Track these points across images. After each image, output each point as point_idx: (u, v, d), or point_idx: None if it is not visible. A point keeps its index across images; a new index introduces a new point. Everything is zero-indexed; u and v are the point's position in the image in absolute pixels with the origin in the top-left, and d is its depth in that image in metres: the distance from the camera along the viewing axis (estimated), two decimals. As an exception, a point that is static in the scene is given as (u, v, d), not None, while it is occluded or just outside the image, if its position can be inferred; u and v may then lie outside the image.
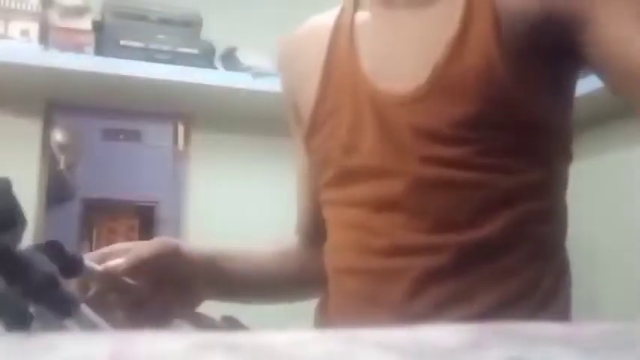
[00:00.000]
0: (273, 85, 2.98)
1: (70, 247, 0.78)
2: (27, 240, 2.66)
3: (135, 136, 5.54)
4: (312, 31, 1.02)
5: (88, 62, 2.52)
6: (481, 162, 0.78)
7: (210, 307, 1.05)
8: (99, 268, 0.83)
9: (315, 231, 1.00)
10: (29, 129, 2.71)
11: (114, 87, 2.65)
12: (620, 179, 2.93)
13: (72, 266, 0.79)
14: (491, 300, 0.77)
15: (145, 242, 0.92)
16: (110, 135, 5.52)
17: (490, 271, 0.78)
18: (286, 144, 3.09)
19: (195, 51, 2.71)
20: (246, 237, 2.86)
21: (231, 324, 1.10)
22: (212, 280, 0.97)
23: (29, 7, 2.56)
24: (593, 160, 2.27)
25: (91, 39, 2.60)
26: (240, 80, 2.74)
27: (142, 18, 2.71)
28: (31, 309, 0.79)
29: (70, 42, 2.56)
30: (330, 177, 0.90)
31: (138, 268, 0.85)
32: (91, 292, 0.84)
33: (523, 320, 0.34)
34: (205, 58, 2.75)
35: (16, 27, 2.52)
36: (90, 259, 0.83)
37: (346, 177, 0.86)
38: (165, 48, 2.66)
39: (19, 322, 0.77)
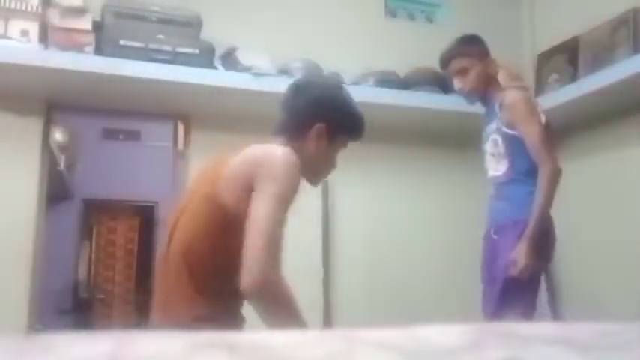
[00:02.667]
0: (272, 85, 2.98)
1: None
2: (27, 238, 2.64)
3: (135, 136, 5.55)
4: None
5: (88, 62, 2.52)
6: None
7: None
8: None
9: None
10: (29, 129, 2.71)
11: (114, 87, 2.64)
12: (611, 179, 2.93)
13: None
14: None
15: None
16: (110, 135, 5.53)
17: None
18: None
19: (195, 51, 2.71)
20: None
21: None
22: None
23: (29, 7, 2.55)
24: (585, 161, 2.28)
25: (91, 39, 2.60)
26: (240, 80, 2.73)
27: (142, 18, 2.71)
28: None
29: (70, 42, 2.56)
30: None
31: None
32: None
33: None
34: (205, 58, 2.75)
35: (16, 27, 2.52)
36: None
37: None
38: (166, 48, 2.66)
39: None
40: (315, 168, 1.68)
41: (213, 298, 1.49)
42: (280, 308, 1.43)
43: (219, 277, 1.49)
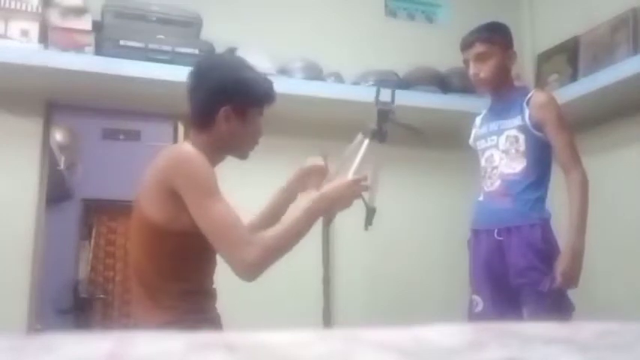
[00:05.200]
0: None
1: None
2: (27, 238, 2.62)
3: (135, 136, 5.55)
4: None
5: (88, 62, 2.52)
6: None
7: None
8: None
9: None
10: (29, 129, 2.71)
11: (114, 87, 2.64)
12: (611, 179, 2.93)
13: None
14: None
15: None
16: (110, 135, 5.53)
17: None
18: (285, 143, 3.10)
19: (195, 51, 2.71)
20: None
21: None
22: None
23: (29, 7, 2.55)
24: (585, 161, 2.28)
25: (91, 39, 2.60)
26: (240, 80, 2.73)
27: (142, 18, 2.71)
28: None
29: (70, 42, 2.56)
30: None
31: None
32: None
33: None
34: (205, 58, 2.75)
35: (16, 27, 2.52)
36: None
37: None
38: (165, 48, 2.66)
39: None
40: (237, 145, 1.71)
41: (170, 305, 1.55)
42: (281, 251, 1.54)
43: (170, 285, 1.56)
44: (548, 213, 2.18)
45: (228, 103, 1.64)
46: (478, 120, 2.41)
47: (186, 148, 1.59)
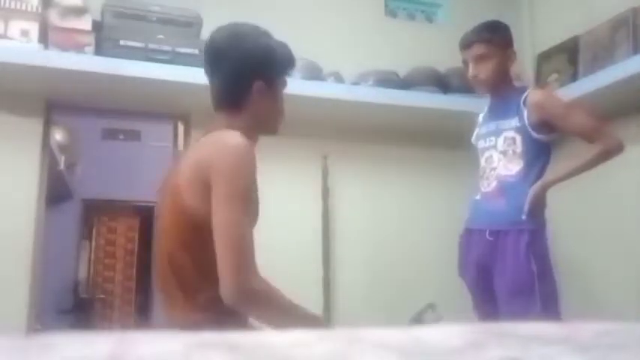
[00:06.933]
0: (273, 85, 3.00)
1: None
2: (27, 238, 2.63)
3: (135, 136, 5.56)
4: None
5: (88, 62, 2.52)
6: None
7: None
8: None
9: None
10: (29, 129, 2.71)
11: (114, 87, 2.64)
12: (611, 179, 2.93)
13: None
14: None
15: None
16: (110, 135, 5.53)
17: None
18: (285, 143, 3.10)
19: (195, 51, 2.71)
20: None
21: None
22: None
23: (29, 7, 2.55)
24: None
25: (91, 39, 2.60)
26: (240, 80, 2.73)
27: (142, 18, 2.71)
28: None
29: (70, 42, 2.56)
30: None
31: None
32: None
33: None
34: (205, 58, 2.75)
35: (16, 27, 2.52)
36: None
37: None
38: (165, 48, 2.66)
39: None
40: (269, 120, 1.62)
41: (204, 302, 1.43)
42: (269, 309, 1.39)
43: (206, 282, 1.42)
44: (542, 219, 2.16)
45: (259, 77, 1.56)
46: (480, 118, 2.41)
47: (236, 139, 1.42)
